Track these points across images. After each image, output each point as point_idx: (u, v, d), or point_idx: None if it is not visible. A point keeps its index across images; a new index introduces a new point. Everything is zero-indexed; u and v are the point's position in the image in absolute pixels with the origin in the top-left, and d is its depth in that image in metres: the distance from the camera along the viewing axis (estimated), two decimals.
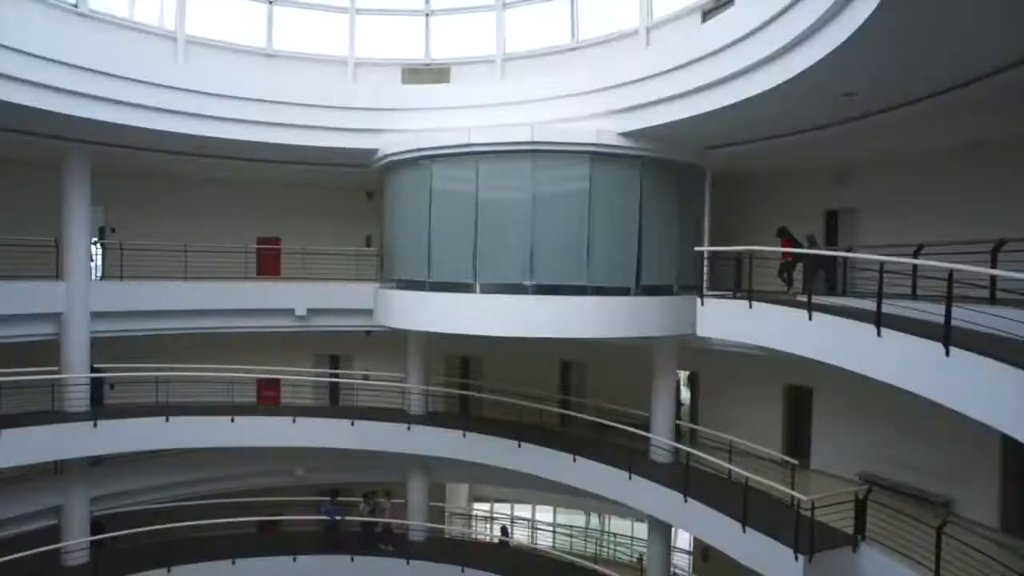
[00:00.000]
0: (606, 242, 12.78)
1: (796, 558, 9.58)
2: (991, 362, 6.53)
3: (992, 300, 8.45)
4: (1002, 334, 6.96)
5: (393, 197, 14.72)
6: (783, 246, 12.70)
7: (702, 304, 11.66)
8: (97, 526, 15.30)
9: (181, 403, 15.65)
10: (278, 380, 17.92)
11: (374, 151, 14.48)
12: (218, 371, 16.42)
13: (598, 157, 12.57)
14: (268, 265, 17.86)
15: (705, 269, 12.33)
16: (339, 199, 18.23)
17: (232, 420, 15.40)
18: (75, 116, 11.94)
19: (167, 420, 14.76)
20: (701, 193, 13.76)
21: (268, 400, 17.91)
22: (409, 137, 13.77)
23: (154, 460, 16.02)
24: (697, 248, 12.72)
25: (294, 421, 15.87)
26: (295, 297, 16.31)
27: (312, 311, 16.35)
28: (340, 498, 16.66)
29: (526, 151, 12.64)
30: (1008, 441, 9.28)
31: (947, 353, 7.05)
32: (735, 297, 11.40)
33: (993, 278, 8.23)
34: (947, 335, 7.07)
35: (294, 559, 15.60)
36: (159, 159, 15.07)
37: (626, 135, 12.36)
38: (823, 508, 9.94)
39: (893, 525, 9.71)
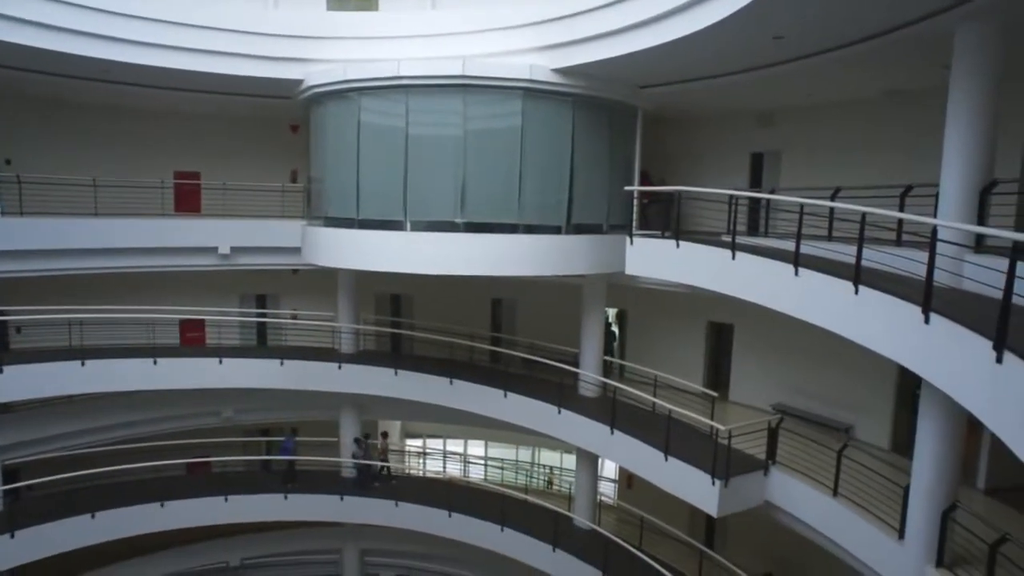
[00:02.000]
0: (537, 180, 12.74)
1: (713, 483, 10.24)
2: (893, 299, 7.00)
3: (898, 241, 8.98)
4: (905, 274, 7.42)
5: (319, 131, 14.14)
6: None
7: (631, 243, 11.88)
8: (10, 475, 14.72)
9: (99, 346, 15.00)
10: (202, 321, 17.38)
11: (298, 82, 13.78)
12: (137, 312, 15.76)
13: (530, 93, 12.37)
14: (187, 201, 16.97)
15: (635, 208, 12.52)
16: (263, 132, 17.37)
17: (155, 362, 14.93)
18: None
19: (83, 364, 14.16)
20: (632, 133, 13.83)
21: (192, 341, 17.39)
22: (335, 68, 13.14)
23: (72, 406, 15.44)
24: (627, 187, 12.87)
25: (221, 362, 15.51)
26: (218, 235, 15.59)
27: (236, 249, 15.72)
28: (272, 439, 16.65)
29: (457, 85, 12.30)
30: (903, 371, 10.06)
31: (856, 291, 7.50)
32: (663, 236, 11.67)
33: (900, 221, 8.72)
34: (857, 275, 7.49)
35: (225, 499, 15.56)
36: (58, 84, 13.90)
37: (559, 71, 12.19)
38: (739, 437, 10.60)
39: (801, 450, 10.47)
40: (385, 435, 17.39)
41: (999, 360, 5.23)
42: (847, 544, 9.36)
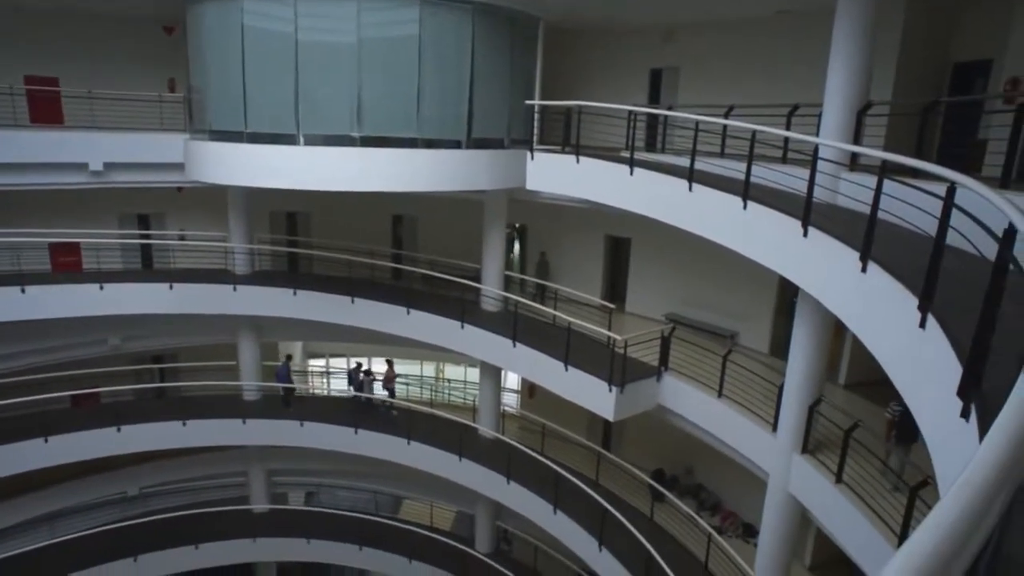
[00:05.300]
0: (437, 93, 12.35)
1: (610, 390, 10.83)
2: (777, 214, 7.45)
3: (784, 159, 9.45)
4: (789, 190, 7.87)
5: (198, 34, 12.92)
6: None
7: (532, 158, 11.89)
8: None
9: None
10: (77, 244, 16.02)
11: None
12: None
13: (428, 0, 11.78)
14: (45, 111, 15.20)
15: (536, 123, 12.44)
16: (133, 34, 15.61)
17: (23, 291, 13.73)
18: None
19: None
20: (533, 45, 13.55)
21: (67, 267, 16.07)
22: None
23: None
24: (528, 102, 12.72)
25: (101, 288, 14.48)
26: (87, 149, 14.05)
27: (110, 166, 14.33)
28: (165, 364, 16.00)
29: None
30: (783, 282, 10.83)
31: (744, 207, 7.90)
32: (563, 152, 11.73)
33: (786, 139, 9.14)
34: (746, 191, 7.87)
35: (118, 430, 14.95)
36: None
37: None
38: (634, 346, 11.19)
39: (690, 356, 11.19)
40: (390, 363, 17.21)
41: (864, 270, 5.73)
42: (729, 439, 10.28)
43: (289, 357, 17.10)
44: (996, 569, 1.44)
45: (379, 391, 17.04)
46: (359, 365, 17.17)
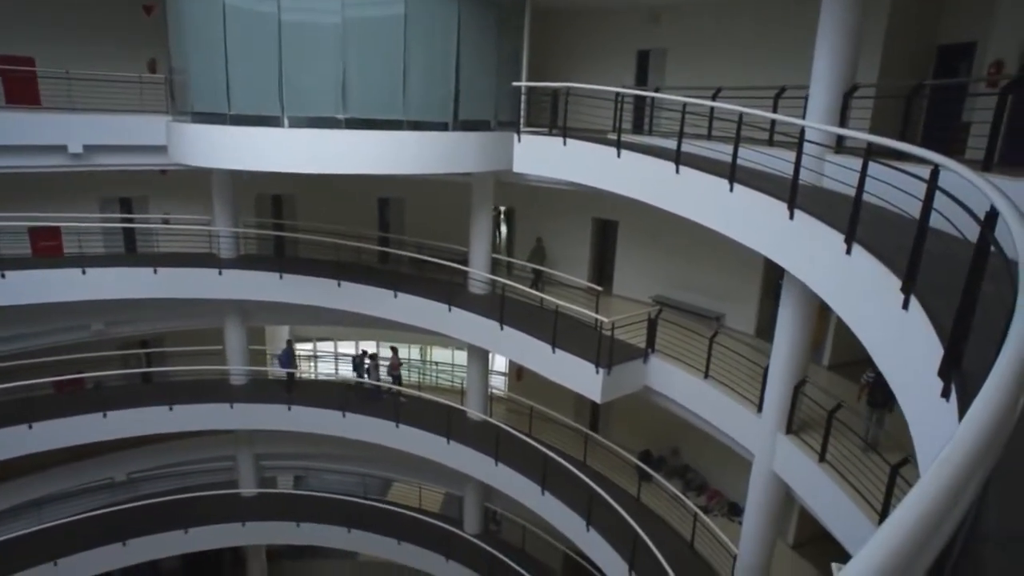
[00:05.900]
0: (423, 74, 12.21)
1: (597, 372, 10.90)
2: (763, 197, 7.47)
3: (771, 142, 9.46)
4: (775, 172, 7.89)
5: (178, 13, 12.65)
6: None
7: (519, 140, 11.84)
8: None
9: None
10: (58, 228, 15.78)
11: None
12: None
13: None
14: (21, 91, 14.88)
15: (523, 105, 12.36)
16: (112, 12, 15.28)
17: (2, 276, 13.53)
18: None
19: None
20: (520, 26, 13.42)
21: (47, 251, 15.83)
22: None
23: None
24: (515, 83, 12.63)
25: (84, 272, 14.31)
26: (66, 131, 13.77)
27: (91, 148, 14.05)
28: (151, 349, 15.88)
29: None
30: (768, 264, 10.91)
31: (731, 189, 7.92)
32: (551, 134, 11.68)
33: (773, 122, 9.16)
34: (732, 173, 7.89)
35: (104, 415, 14.85)
36: None
37: None
38: (621, 328, 11.23)
39: (677, 338, 11.27)
40: (395, 350, 17.16)
41: (848, 252, 5.78)
42: (714, 419, 10.39)
43: (290, 342, 17.04)
44: (973, 544, 1.47)
45: (384, 377, 17.03)
46: (365, 352, 17.13)
